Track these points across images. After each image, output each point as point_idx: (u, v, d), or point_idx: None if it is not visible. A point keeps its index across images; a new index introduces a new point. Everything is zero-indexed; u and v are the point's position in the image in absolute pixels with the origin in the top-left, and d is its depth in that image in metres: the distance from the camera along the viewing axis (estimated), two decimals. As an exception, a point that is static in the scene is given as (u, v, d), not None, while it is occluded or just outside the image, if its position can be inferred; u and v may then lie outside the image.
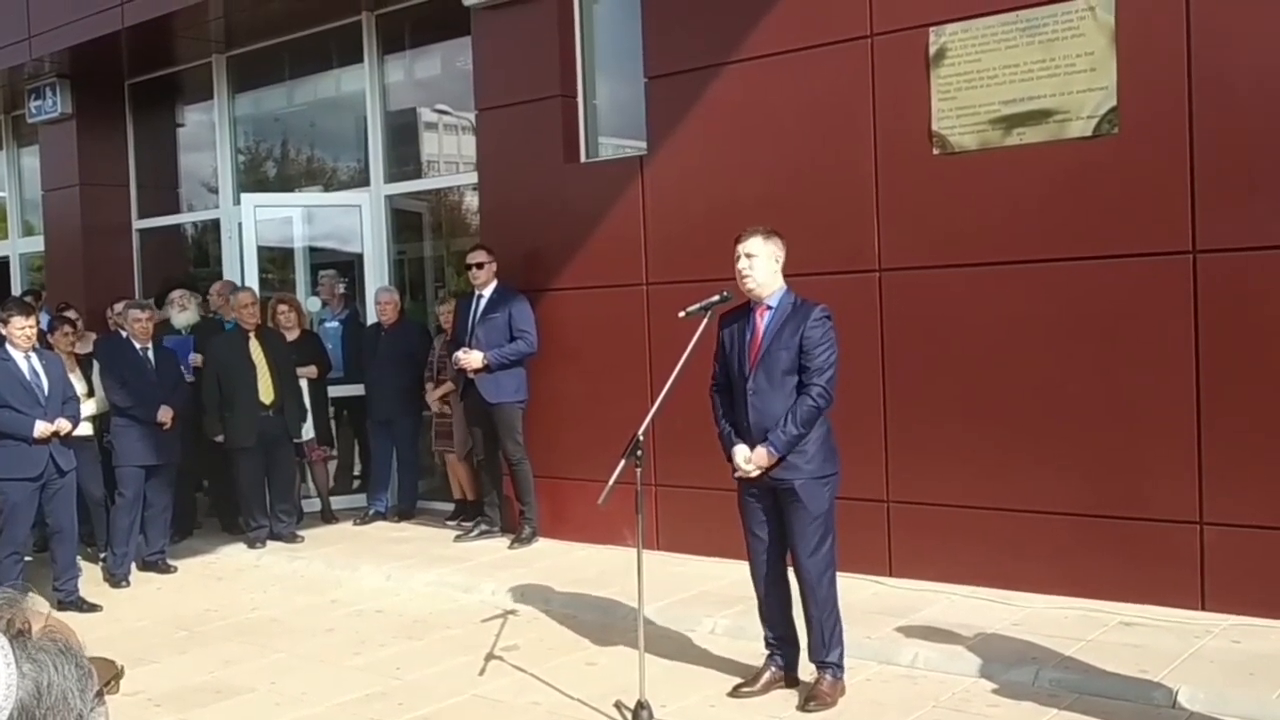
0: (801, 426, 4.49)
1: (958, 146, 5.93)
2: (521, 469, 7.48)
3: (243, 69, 10.55)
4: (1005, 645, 5.01)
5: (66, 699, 1.20)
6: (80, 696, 1.22)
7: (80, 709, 1.21)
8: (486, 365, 7.36)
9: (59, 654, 1.21)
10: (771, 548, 4.71)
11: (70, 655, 1.22)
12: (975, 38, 5.86)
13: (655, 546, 6.86)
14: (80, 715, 1.21)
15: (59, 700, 1.19)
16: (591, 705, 4.68)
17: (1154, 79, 5.38)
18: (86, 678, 1.23)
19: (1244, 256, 5.18)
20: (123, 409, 7.31)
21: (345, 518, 8.69)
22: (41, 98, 11.06)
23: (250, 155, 10.93)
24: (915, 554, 6.09)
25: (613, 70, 7.79)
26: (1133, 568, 5.45)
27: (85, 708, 1.22)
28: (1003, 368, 5.83)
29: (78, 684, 1.22)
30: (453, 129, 9.54)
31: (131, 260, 11.40)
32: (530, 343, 7.40)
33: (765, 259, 4.61)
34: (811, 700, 4.54)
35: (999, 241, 5.81)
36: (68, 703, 1.20)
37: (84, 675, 1.23)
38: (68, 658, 1.22)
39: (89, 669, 1.24)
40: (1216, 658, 4.73)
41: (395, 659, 5.49)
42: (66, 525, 6.73)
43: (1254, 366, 5.18)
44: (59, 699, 1.19)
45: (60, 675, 1.20)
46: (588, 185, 7.44)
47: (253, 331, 8.10)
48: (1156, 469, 5.42)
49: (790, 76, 6.46)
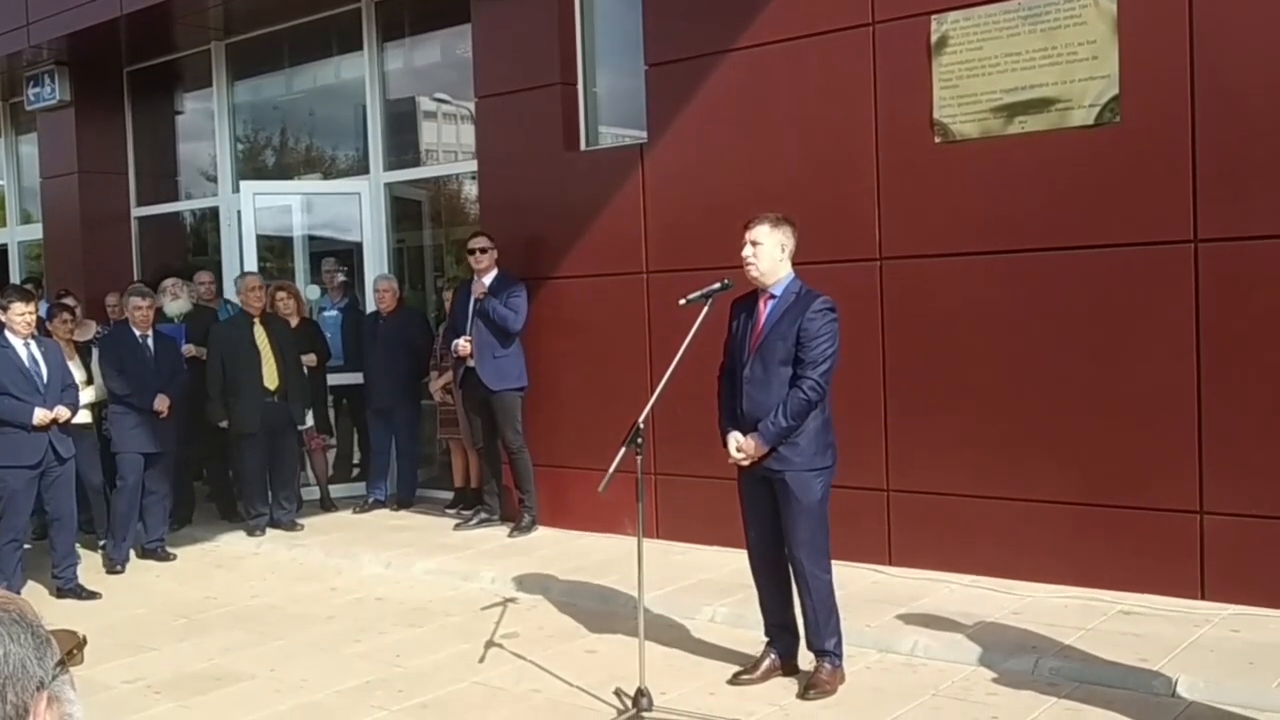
0: (791, 419, 4.47)
1: (959, 135, 5.92)
2: (521, 457, 7.47)
3: (242, 56, 10.52)
4: (1005, 634, 5.02)
5: (25, 667, 1.20)
6: (39, 664, 1.21)
7: (41, 676, 1.21)
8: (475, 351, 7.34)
9: (13, 624, 1.21)
10: (769, 536, 4.70)
11: (25, 624, 1.22)
12: (977, 26, 5.84)
13: (655, 535, 6.86)
14: (41, 682, 1.21)
15: (17, 668, 1.19)
16: (591, 693, 4.69)
17: (1156, 67, 5.36)
18: (45, 646, 1.23)
19: (1245, 246, 5.17)
20: (120, 397, 7.30)
21: (344, 506, 8.70)
22: (40, 85, 11.02)
23: (249, 143, 10.91)
24: (915, 543, 6.09)
25: (613, 58, 7.76)
26: (1133, 557, 5.45)
27: (46, 675, 1.22)
28: (1003, 356, 5.82)
29: (35, 652, 1.21)
30: (452, 117, 9.52)
31: (130, 248, 11.38)
32: (517, 321, 7.35)
33: (770, 247, 4.59)
34: (811, 688, 4.54)
35: (1000, 230, 5.80)
36: (27, 670, 1.20)
37: (41, 644, 1.23)
38: (23, 627, 1.22)
39: (46, 637, 1.24)
40: (1216, 647, 4.74)
41: (395, 646, 5.49)
42: (65, 513, 6.73)
43: (1255, 355, 5.17)
44: (17, 667, 1.19)
45: (17, 644, 1.20)
46: (588, 174, 7.42)
47: (258, 317, 8.09)
48: (1157, 458, 5.42)
49: (791, 64, 6.44)
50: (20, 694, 1.18)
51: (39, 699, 1.20)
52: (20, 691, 1.18)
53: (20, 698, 1.18)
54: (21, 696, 1.18)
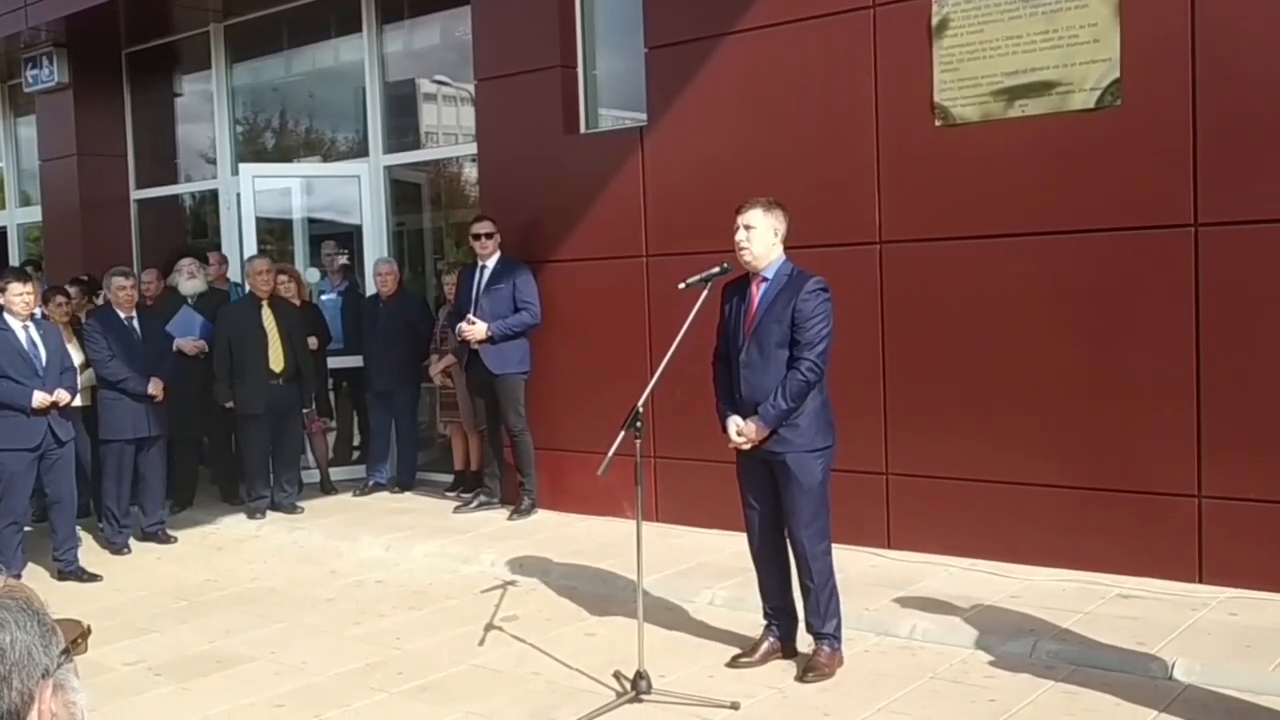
0: (791, 400, 4.48)
1: (960, 118, 5.90)
2: (523, 440, 7.48)
3: (241, 38, 10.48)
4: (1003, 617, 5.03)
5: (31, 654, 1.20)
6: (45, 652, 1.22)
7: (46, 664, 1.22)
8: (490, 336, 7.35)
9: (19, 611, 1.22)
10: (768, 520, 4.72)
11: (31, 612, 1.23)
12: (978, 8, 5.82)
13: (654, 518, 6.87)
14: (46, 670, 1.22)
15: (23, 656, 1.19)
16: (590, 675, 4.70)
17: (1157, 51, 5.35)
18: (50, 634, 1.24)
19: (1246, 230, 5.17)
20: (111, 382, 7.25)
21: (344, 489, 8.71)
22: (38, 67, 10.99)
23: (248, 125, 10.88)
24: (914, 526, 6.11)
25: (613, 41, 7.74)
26: (1131, 540, 5.46)
27: (51, 663, 1.22)
28: (1003, 340, 5.82)
29: (41, 640, 1.22)
30: (452, 100, 9.49)
31: (129, 231, 11.37)
32: (534, 314, 7.40)
33: (764, 231, 4.59)
34: (810, 671, 4.56)
35: (1000, 214, 5.79)
36: (32, 658, 1.20)
37: (47, 632, 1.23)
38: (29, 614, 1.22)
39: (52, 626, 1.25)
40: (1213, 630, 4.75)
41: (395, 629, 5.51)
42: (65, 495, 6.73)
43: (1254, 340, 5.18)
44: (23, 655, 1.19)
45: (23, 632, 1.20)
46: (587, 157, 7.41)
47: (265, 300, 8.09)
48: (1155, 442, 5.42)
49: (791, 47, 6.42)
50: (26, 681, 1.19)
51: (44, 687, 1.21)
52: (26, 679, 1.19)
53: (26, 685, 1.19)
54: (27, 684, 1.19)
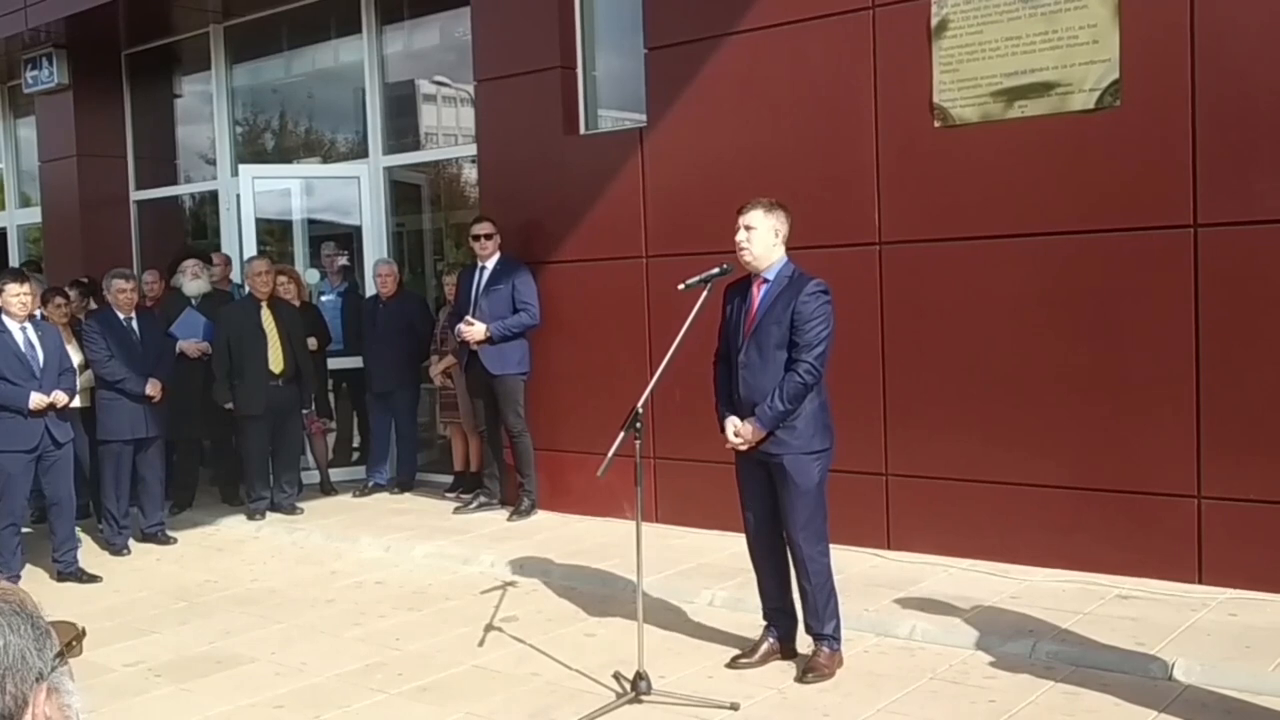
0: (788, 402, 4.47)
1: (959, 119, 5.90)
2: (522, 441, 7.48)
3: (240, 39, 10.48)
4: (1002, 618, 5.03)
5: (25, 658, 1.19)
6: (39, 655, 1.21)
7: (40, 667, 1.21)
8: (489, 337, 7.35)
9: (13, 614, 1.21)
10: (766, 521, 4.71)
11: (25, 615, 1.22)
12: (977, 9, 5.82)
13: (654, 519, 6.87)
14: (40, 674, 1.21)
15: (17, 659, 1.19)
16: (590, 676, 4.70)
17: (1157, 52, 5.35)
18: (44, 637, 1.23)
19: (1246, 230, 5.16)
20: (110, 383, 7.25)
21: (344, 490, 8.71)
22: (38, 68, 10.99)
23: (248, 126, 10.88)
24: (913, 527, 6.11)
25: (612, 41, 7.74)
26: (1130, 541, 5.46)
27: (45, 666, 1.21)
28: (1002, 341, 5.82)
29: (35, 643, 1.21)
30: (451, 100, 9.49)
31: (129, 232, 11.37)
32: (533, 315, 7.40)
33: (764, 232, 4.59)
34: (809, 672, 4.56)
35: (999, 215, 5.79)
36: (26, 662, 1.19)
37: (41, 635, 1.23)
38: (22, 618, 1.21)
39: (46, 629, 1.24)
40: (1213, 631, 4.75)
41: (395, 630, 5.51)
42: (64, 497, 6.72)
43: (1253, 340, 5.17)
44: (17, 658, 1.19)
45: (16, 635, 1.20)
46: (587, 157, 7.41)
47: (265, 301, 8.09)
48: (1155, 443, 5.42)
49: (791, 48, 6.42)
50: (19, 685, 1.18)
51: (38, 690, 1.20)
52: (20, 683, 1.18)
53: (20, 689, 1.18)
54: (21, 688, 1.18)
